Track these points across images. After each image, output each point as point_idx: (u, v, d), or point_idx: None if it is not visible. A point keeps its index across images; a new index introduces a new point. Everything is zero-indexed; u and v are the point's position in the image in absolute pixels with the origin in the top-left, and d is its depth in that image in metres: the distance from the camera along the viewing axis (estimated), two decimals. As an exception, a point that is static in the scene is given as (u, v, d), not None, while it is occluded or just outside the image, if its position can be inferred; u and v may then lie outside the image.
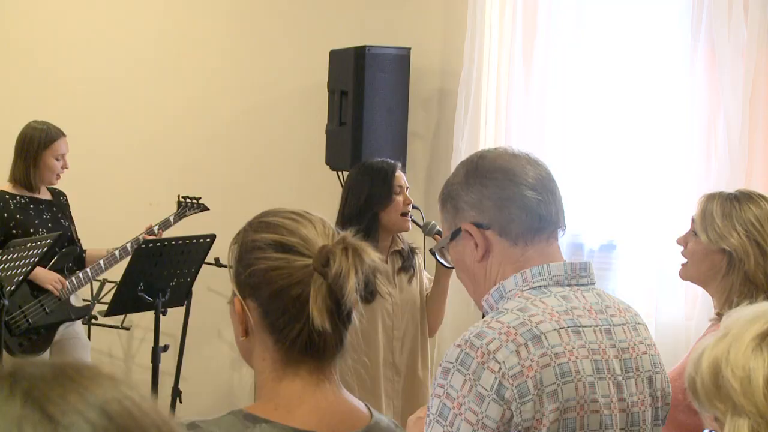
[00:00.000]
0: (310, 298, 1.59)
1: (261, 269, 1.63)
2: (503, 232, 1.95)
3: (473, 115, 5.08)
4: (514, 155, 2.01)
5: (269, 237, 1.65)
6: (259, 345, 1.66)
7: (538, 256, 1.95)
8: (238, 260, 1.67)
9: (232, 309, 1.69)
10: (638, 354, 1.95)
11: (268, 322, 1.63)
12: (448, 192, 2.03)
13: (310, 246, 1.62)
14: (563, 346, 1.82)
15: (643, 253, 4.79)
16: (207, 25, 5.90)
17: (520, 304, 1.87)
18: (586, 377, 1.83)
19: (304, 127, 5.61)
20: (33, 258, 4.31)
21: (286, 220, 1.67)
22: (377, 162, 3.96)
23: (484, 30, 5.05)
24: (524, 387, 1.76)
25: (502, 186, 1.95)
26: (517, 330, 1.81)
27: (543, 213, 1.97)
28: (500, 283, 1.94)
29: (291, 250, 1.62)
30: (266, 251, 1.63)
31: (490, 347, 1.78)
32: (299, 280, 1.60)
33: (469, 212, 1.97)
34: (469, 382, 1.77)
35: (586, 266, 1.99)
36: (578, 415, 1.81)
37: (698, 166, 4.68)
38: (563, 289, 1.92)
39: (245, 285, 1.65)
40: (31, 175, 4.77)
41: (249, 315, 1.65)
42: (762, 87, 4.59)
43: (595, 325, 1.90)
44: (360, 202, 3.82)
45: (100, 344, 5.86)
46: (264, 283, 1.62)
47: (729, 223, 2.78)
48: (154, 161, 5.96)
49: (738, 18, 4.52)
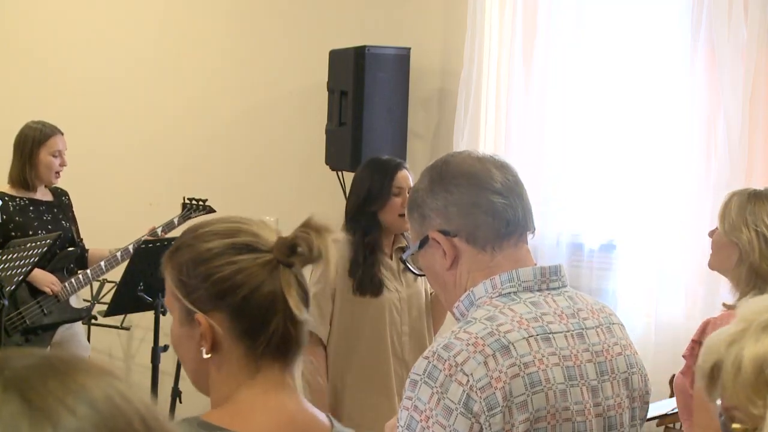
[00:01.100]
0: (284, 291, 1.56)
1: (222, 277, 1.57)
2: (470, 238, 1.92)
3: (473, 115, 5.08)
4: (479, 159, 1.98)
5: (221, 243, 1.59)
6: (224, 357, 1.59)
7: (507, 262, 1.92)
8: (190, 276, 1.60)
9: (185, 332, 1.62)
10: (613, 356, 1.92)
11: (239, 331, 1.58)
12: (413, 199, 1.99)
13: (264, 241, 1.59)
14: (532, 355, 1.80)
15: (643, 253, 4.78)
16: (207, 25, 5.90)
17: (489, 313, 1.84)
18: (557, 385, 1.81)
19: (303, 127, 5.61)
20: (32, 258, 4.31)
21: (227, 223, 1.63)
22: (382, 160, 3.94)
23: (484, 30, 5.05)
24: (493, 399, 1.74)
25: (467, 192, 1.92)
26: (485, 340, 1.78)
27: (510, 217, 1.92)
28: (470, 290, 1.91)
29: (247, 249, 1.58)
30: (223, 257, 1.58)
31: (457, 359, 1.76)
32: (266, 277, 1.57)
33: (435, 220, 1.93)
34: (437, 395, 1.75)
35: (557, 269, 1.95)
36: (549, 424, 1.79)
37: (698, 166, 4.68)
38: (533, 295, 1.89)
39: (207, 298, 1.58)
40: (28, 173, 4.75)
41: (217, 329, 1.58)
42: (762, 87, 4.59)
43: (567, 331, 1.87)
44: (359, 199, 3.82)
45: (100, 344, 5.86)
46: (232, 289, 1.57)
47: (741, 218, 2.91)
48: (154, 161, 5.96)
49: (738, 18, 4.52)
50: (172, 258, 1.64)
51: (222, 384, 1.61)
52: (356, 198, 3.84)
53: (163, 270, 1.65)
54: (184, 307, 1.61)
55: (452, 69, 5.27)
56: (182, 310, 1.61)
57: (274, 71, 5.75)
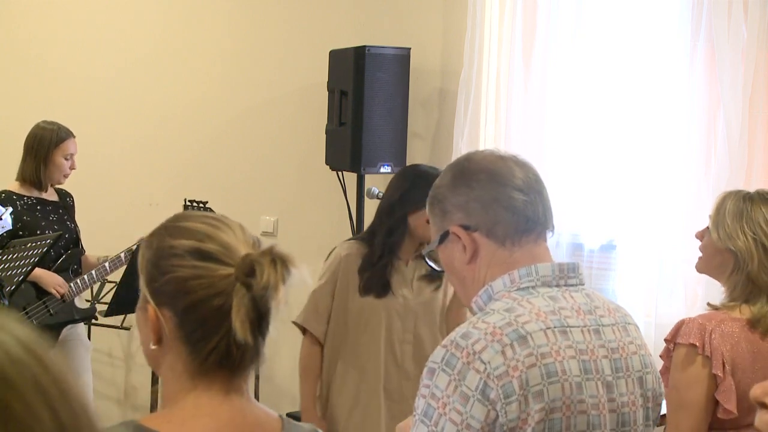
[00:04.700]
0: (232, 310, 1.51)
1: (179, 277, 1.54)
2: (490, 233, 1.95)
3: (473, 115, 5.08)
4: (501, 157, 2.01)
5: (187, 243, 1.56)
6: (171, 354, 1.58)
7: (525, 257, 1.94)
8: (153, 265, 1.58)
9: (141, 315, 1.61)
10: (628, 354, 1.95)
11: (184, 334, 1.56)
12: (435, 195, 2.03)
13: (232, 254, 1.54)
14: (549, 346, 1.82)
15: (643, 253, 4.78)
16: (207, 25, 5.90)
17: (507, 305, 1.87)
18: (572, 377, 1.83)
19: (303, 127, 5.61)
20: (33, 258, 4.31)
21: (204, 225, 1.59)
22: (427, 167, 3.93)
23: (484, 30, 5.05)
24: (509, 387, 1.76)
25: (489, 187, 1.95)
26: (503, 330, 1.81)
27: (530, 214, 1.96)
28: (489, 285, 1.94)
29: (211, 258, 1.54)
30: (185, 258, 1.55)
31: (475, 347, 1.79)
32: (221, 291, 1.52)
33: (456, 214, 1.97)
34: (454, 382, 1.77)
35: (575, 267, 1.98)
36: (564, 415, 1.81)
37: (698, 165, 4.68)
38: (551, 290, 1.92)
39: (160, 293, 1.56)
40: (41, 173, 4.81)
41: (163, 324, 1.56)
42: (762, 87, 4.59)
43: (583, 326, 1.90)
44: (394, 198, 3.78)
45: (100, 344, 5.86)
46: (181, 293, 1.54)
47: (738, 224, 2.82)
48: (153, 162, 5.96)
49: (738, 18, 4.52)
50: (148, 242, 1.62)
51: (170, 381, 1.59)
52: (391, 196, 3.81)
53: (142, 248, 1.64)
54: (143, 294, 1.60)
55: (452, 69, 5.27)
56: (142, 296, 1.61)
57: (274, 71, 5.75)
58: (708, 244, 2.94)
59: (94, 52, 6.00)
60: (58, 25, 6.06)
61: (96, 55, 6.00)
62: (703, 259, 2.99)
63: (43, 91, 6.02)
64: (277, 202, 5.71)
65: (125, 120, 5.98)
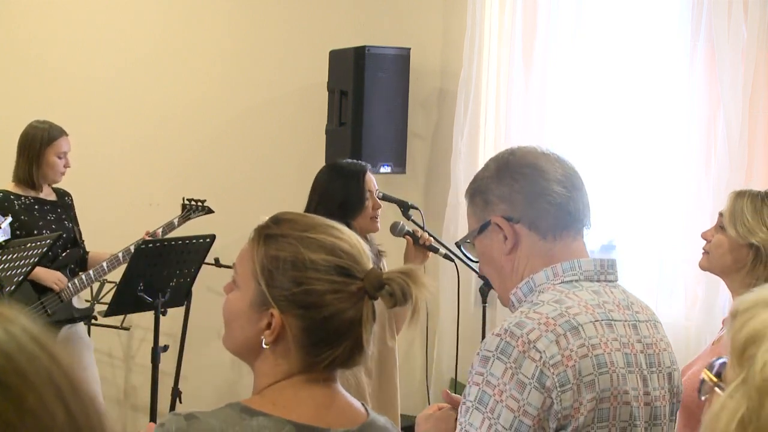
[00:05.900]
0: (362, 320, 1.62)
1: (316, 291, 1.62)
2: (533, 226, 1.98)
3: (473, 115, 5.08)
4: (543, 153, 2.05)
5: (330, 259, 1.63)
6: (283, 355, 1.64)
7: (565, 252, 1.98)
8: (283, 274, 1.63)
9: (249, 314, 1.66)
10: (660, 350, 2.01)
11: (309, 342, 1.63)
12: (477, 186, 2.05)
13: (360, 267, 1.64)
14: (599, 338, 1.87)
15: (643, 253, 4.78)
16: (207, 25, 5.90)
17: (555, 297, 1.91)
18: (619, 369, 1.88)
19: (304, 127, 5.61)
20: (33, 258, 4.31)
21: (332, 238, 1.66)
22: (347, 165, 3.87)
23: (484, 30, 5.05)
24: (564, 376, 1.80)
25: (533, 181, 1.99)
26: (556, 321, 1.85)
27: (571, 209, 2.00)
28: (530, 277, 1.97)
29: (345, 272, 1.63)
30: (328, 273, 1.62)
31: (530, 336, 1.82)
32: (353, 304, 1.63)
33: (499, 205, 2.00)
34: (510, 370, 1.80)
35: (613, 264, 2.03)
36: (611, 405, 1.86)
37: (698, 165, 4.68)
38: (593, 284, 1.96)
39: (292, 301, 1.62)
40: (34, 173, 4.79)
41: (287, 330, 1.63)
42: (762, 87, 4.59)
43: (624, 320, 1.95)
44: (333, 209, 3.66)
45: (100, 344, 5.86)
46: (318, 305, 1.62)
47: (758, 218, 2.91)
48: (153, 162, 5.96)
49: (738, 18, 4.52)
50: (269, 243, 1.66)
51: (270, 373, 1.65)
52: (329, 208, 3.67)
53: (251, 242, 1.67)
54: (262, 294, 1.64)
55: (452, 69, 5.28)
56: (258, 295, 1.65)
57: (274, 71, 5.75)
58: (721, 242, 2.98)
59: (94, 52, 6.00)
60: (58, 25, 6.06)
61: (96, 55, 5.99)
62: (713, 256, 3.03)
63: (43, 91, 6.01)
64: (277, 202, 5.69)
65: (125, 120, 5.97)
